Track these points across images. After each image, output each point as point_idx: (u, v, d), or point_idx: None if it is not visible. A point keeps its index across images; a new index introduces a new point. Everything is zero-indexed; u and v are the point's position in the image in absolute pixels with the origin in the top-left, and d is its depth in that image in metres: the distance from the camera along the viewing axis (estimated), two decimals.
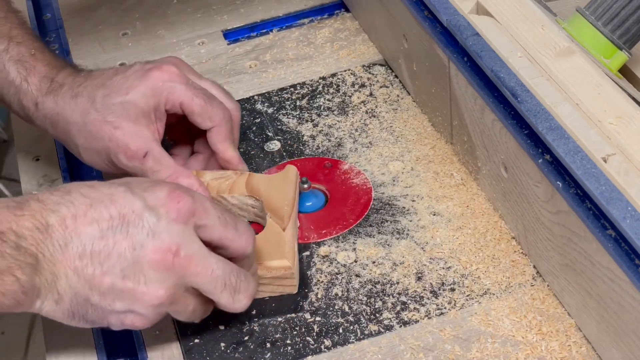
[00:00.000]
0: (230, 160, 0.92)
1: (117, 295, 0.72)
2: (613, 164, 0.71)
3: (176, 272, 0.73)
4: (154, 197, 0.73)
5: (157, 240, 0.72)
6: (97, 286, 0.72)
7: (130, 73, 0.90)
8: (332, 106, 1.04)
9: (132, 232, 0.72)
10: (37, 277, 0.70)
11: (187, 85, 0.89)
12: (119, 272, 0.72)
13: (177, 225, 0.73)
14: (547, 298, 0.80)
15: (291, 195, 0.89)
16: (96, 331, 0.82)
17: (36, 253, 0.70)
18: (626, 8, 0.88)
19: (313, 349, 0.78)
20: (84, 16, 1.25)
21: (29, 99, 0.91)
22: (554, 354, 0.75)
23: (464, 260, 0.84)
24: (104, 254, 0.71)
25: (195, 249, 0.73)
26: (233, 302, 0.76)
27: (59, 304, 0.72)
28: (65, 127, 0.90)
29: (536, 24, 0.86)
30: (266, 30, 1.18)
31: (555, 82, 0.80)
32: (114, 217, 0.72)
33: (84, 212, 0.72)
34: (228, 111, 0.92)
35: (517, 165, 0.81)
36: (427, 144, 0.97)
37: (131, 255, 0.72)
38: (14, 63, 0.91)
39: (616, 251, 0.68)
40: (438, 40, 0.91)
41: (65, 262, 0.71)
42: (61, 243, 0.71)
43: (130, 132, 0.87)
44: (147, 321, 0.75)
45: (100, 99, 0.88)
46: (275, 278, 0.82)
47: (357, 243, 0.87)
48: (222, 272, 0.74)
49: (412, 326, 0.79)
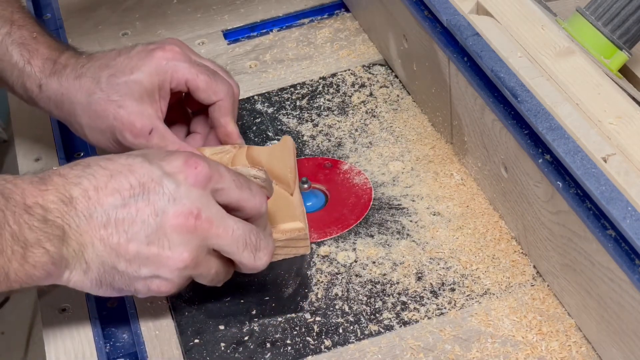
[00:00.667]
0: (231, 134, 0.94)
1: (143, 261, 0.74)
2: (613, 164, 0.71)
3: (198, 235, 0.75)
4: (171, 165, 0.76)
5: (178, 205, 0.74)
6: (123, 253, 0.74)
7: (134, 54, 0.92)
8: (332, 106, 1.04)
9: (153, 199, 0.74)
10: (64, 248, 0.73)
11: (191, 63, 0.92)
12: (143, 238, 0.74)
13: (196, 190, 0.75)
14: (547, 298, 0.80)
15: (292, 163, 0.92)
16: (96, 331, 0.82)
17: (62, 225, 0.73)
18: (626, 8, 0.88)
19: (313, 349, 0.78)
20: (84, 16, 1.25)
21: (33, 81, 0.93)
22: (554, 354, 0.75)
23: (464, 260, 0.84)
24: (127, 221, 0.74)
25: (215, 212, 0.75)
26: (254, 260, 0.78)
27: (87, 274, 0.75)
28: (70, 107, 0.92)
29: (536, 24, 0.86)
30: (266, 30, 1.18)
31: (555, 82, 0.80)
32: (135, 186, 0.74)
33: (104, 184, 0.74)
34: (231, 86, 0.94)
35: (517, 165, 0.81)
36: (427, 144, 0.97)
37: (154, 221, 0.74)
38: (17, 46, 0.93)
39: (616, 251, 0.68)
40: (438, 40, 0.91)
41: (91, 232, 0.73)
42: (86, 214, 0.73)
43: (135, 111, 0.90)
44: (172, 285, 0.77)
45: (105, 79, 0.90)
46: (290, 240, 0.85)
47: (357, 243, 0.87)
48: (242, 232, 0.77)
49: (412, 326, 0.79)
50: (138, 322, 0.82)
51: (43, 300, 0.85)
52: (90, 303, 0.84)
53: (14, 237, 0.71)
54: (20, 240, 0.71)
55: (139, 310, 0.83)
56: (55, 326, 0.83)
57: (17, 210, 0.71)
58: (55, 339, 0.82)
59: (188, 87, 0.92)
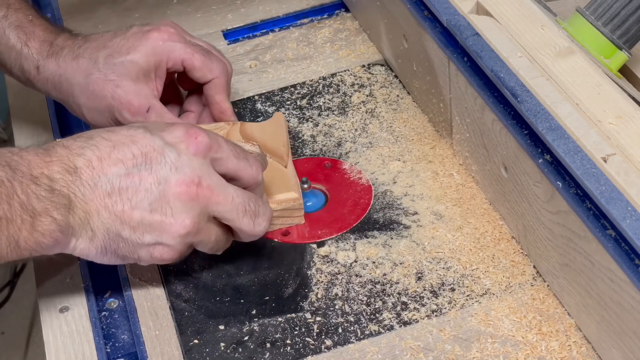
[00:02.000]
0: (225, 111, 0.97)
1: (146, 228, 0.77)
2: (613, 164, 0.71)
3: (200, 202, 0.77)
4: (172, 136, 0.79)
5: (180, 174, 0.77)
6: (128, 221, 0.77)
7: (130, 35, 0.94)
8: (332, 106, 1.04)
9: (156, 168, 0.77)
10: (71, 216, 0.75)
11: (186, 43, 0.95)
12: (147, 206, 0.77)
13: (197, 159, 0.78)
14: (547, 298, 0.80)
15: (285, 138, 0.95)
16: (96, 331, 0.82)
17: (68, 194, 0.75)
18: (626, 8, 0.88)
19: (313, 349, 0.78)
20: (84, 16, 1.25)
21: (30, 63, 0.95)
22: (554, 354, 0.75)
23: (464, 260, 0.84)
24: (131, 190, 0.77)
25: (215, 180, 0.79)
26: (254, 226, 0.81)
27: (92, 241, 0.77)
28: (68, 88, 0.94)
29: (536, 24, 0.86)
30: (266, 30, 1.18)
31: (555, 82, 0.80)
32: (137, 156, 0.77)
33: (108, 154, 0.77)
34: (225, 64, 0.98)
35: (517, 165, 0.81)
36: (427, 144, 0.97)
37: (157, 189, 0.77)
38: (14, 29, 0.95)
39: (616, 251, 0.68)
40: (438, 40, 0.91)
41: (96, 200, 0.76)
42: (90, 183, 0.76)
43: (132, 90, 0.92)
44: (174, 252, 0.79)
45: (102, 59, 0.93)
46: (285, 210, 0.88)
47: (357, 243, 0.87)
48: (241, 199, 0.80)
49: (412, 326, 0.79)
50: (138, 322, 0.82)
51: (43, 300, 0.86)
52: (90, 303, 0.84)
53: (22, 207, 0.73)
54: (28, 210, 0.73)
55: (139, 310, 0.83)
56: (55, 326, 0.83)
57: (25, 181, 0.73)
58: (55, 339, 0.82)
59: (184, 66, 0.95)
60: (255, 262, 0.87)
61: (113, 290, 0.86)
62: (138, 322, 0.82)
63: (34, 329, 2.04)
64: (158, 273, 0.87)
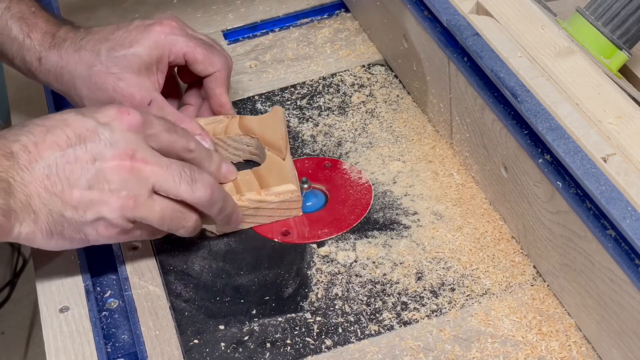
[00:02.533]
0: (224, 105, 0.98)
1: (87, 205, 0.79)
2: (613, 164, 0.71)
3: (135, 174, 0.79)
4: (105, 115, 0.81)
5: (115, 149, 0.79)
6: (68, 200, 0.78)
7: (132, 28, 0.95)
8: (332, 106, 1.04)
9: (91, 147, 0.79)
10: (12, 200, 0.76)
11: (188, 37, 0.96)
12: (85, 183, 0.78)
13: (131, 134, 0.80)
14: (547, 298, 0.80)
15: (283, 131, 0.96)
16: (96, 331, 0.82)
17: (7, 178, 0.77)
18: (626, 8, 0.88)
19: (313, 349, 0.78)
20: (84, 16, 1.25)
21: (32, 55, 0.96)
22: (554, 354, 0.75)
23: (464, 260, 0.84)
24: (68, 170, 0.78)
25: (149, 152, 0.81)
26: (193, 191, 0.81)
27: (36, 223, 0.78)
28: (70, 79, 0.95)
29: (536, 24, 0.86)
30: (266, 30, 1.18)
31: (555, 82, 0.80)
32: (71, 137, 0.79)
33: (42, 138, 0.78)
34: (226, 58, 0.98)
35: (517, 165, 0.81)
36: (427, 144, 0.97)
37: (93, 166, 0.79)
38: (16, 20, 0.96)
39: (616, 251, 0.68)
40: (438, 40, 0.91)
41: (35, 183, 0.78)
42: (28, 167, 0.78)
43: (134, 83, 0.94)
44: (119, 229, 0.80)
45: (104, 52, 0.94)
46: (283, 202, 0.89)
47: (357, 243, 0.87)
48: (175, 166, 0.81)
49: (412, 326, 0.79)
50: (138, 322, 0.82)
51: (43, 300, 0.86)
52: (90, 303, 0.84)
53: None
54: None
55: (139, 310, 0.83)
56: (55, 326, 0.83)
57: None
58: (55, 339, 0.82)
59: (186, 59, 0.96)
60: (255, 262, 0.87)
61: (113, 290, 0.86)
62: (138, 322, 0.82)
63: (34, 329, 2.04)
64: (158, 273, 0.87)
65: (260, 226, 0.90)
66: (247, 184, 0.89)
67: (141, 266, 0.87)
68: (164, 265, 0.87)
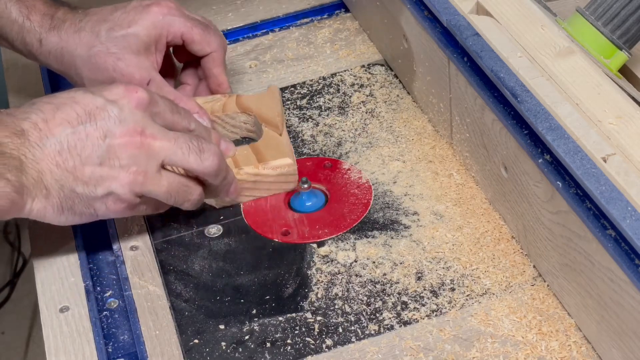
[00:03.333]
0: (222, 84, 1.01)
1: (98, 180, 0.81)
2: (613, 164, 0.71)
3: (145, 149, 0.81)
4: (113, 93, 0.82)
5: (124, 126, 0.81)
6: (80, 176, 0.80)
7: (130, 8, 0.97)
8: (332, 106, 1.04)
9: (100, 124, 0.80)
10: (24, 176, 0.78)
11: (185, 17, 0.98)
12: (96, 159, 0.80)
13: (138, 112, 0.82)
14: (547, 298, 0.80)
15: (279, 109, 0.99)
16: (96, 331, 0.82)
17: (19, 156, 0.78)
18: (626, 8, 0.88)
19: (313, 349, 0.78)
20: None
21: (33, 36, 0.97)
22: (554, 353, 0.75)
23: (464, 260, 0.84)
24: (79, 146, 0.80)
25: (157, 128, 0.83)
26: (202, 161, 0.83)
27: (48, 199, 0.80)
28: (70, 60, 0.97)
29: (536, 24, 0.86)
30: (266, 30, 1.18)
31: (555, 82, 0.80)
32: (81, 115, 0.80)
33: (52, 116, 0.80)
34: (223, 38, 1.01)
35: (517, 165, 0.81)
36: (427, 144, 0.97)
37: (104, 142, 0.80)
38: (15, 3, 0.97)
39: (616, 251, 0.68)
40: (438, 40, 0.91)
41: (46, 159, 0.79)
42: (39, 144, 0.79)
43: (133, 63, 0.95)
44: (125, 203, 0.82)
45: (104, 33, 0.95)
46: (280, 175, 0.92)
47: (357, 243, 0.87)
48: (183, 138, 0.83)
49: (412, 326, 0.79)
50: (138, 322, 0.82)
51: (43, 300, 0.86)
52: (90, 303, 0.84)
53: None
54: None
55: (139, 310, 0.83)
56: (55, 326, 0.83)
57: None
58: (55, 339, 0.82)
59: (183, 40, 0.98)
60: (255, 262, 0.87)
61: (113, 290, 0.86)
62: (138, 322, 0.82)
63: (34, 329, 2.04)
64: (158, 273, 0.87)
65: (261, 226, 0.90)
66: (245, 159, 0.92)
67: (141, 266, 0.87)
68: (164, 265, 0.87)
